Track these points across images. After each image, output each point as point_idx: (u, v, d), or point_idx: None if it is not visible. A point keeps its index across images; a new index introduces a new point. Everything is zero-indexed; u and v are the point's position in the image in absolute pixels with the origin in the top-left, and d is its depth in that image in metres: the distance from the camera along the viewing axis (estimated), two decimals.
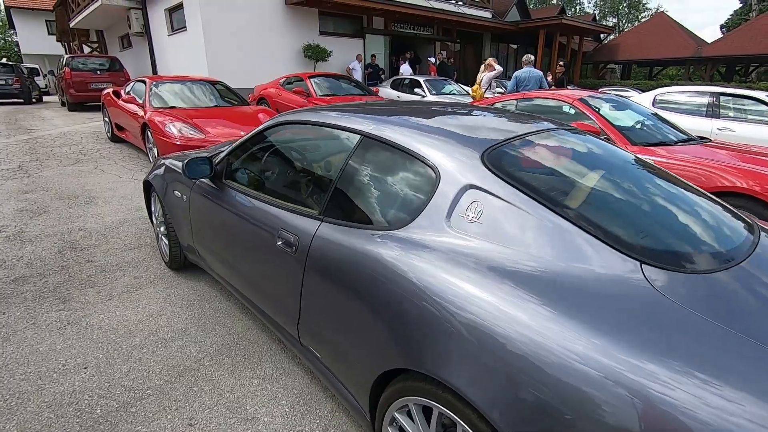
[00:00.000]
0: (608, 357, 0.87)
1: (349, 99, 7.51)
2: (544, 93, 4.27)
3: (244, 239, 1.98)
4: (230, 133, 5.38)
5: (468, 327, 1.06)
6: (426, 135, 1.48)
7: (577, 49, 18.18)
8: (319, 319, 1.57)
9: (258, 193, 1.95)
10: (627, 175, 1.63)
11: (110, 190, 4.69)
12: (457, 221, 1.27)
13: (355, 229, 1.47)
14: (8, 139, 7.36)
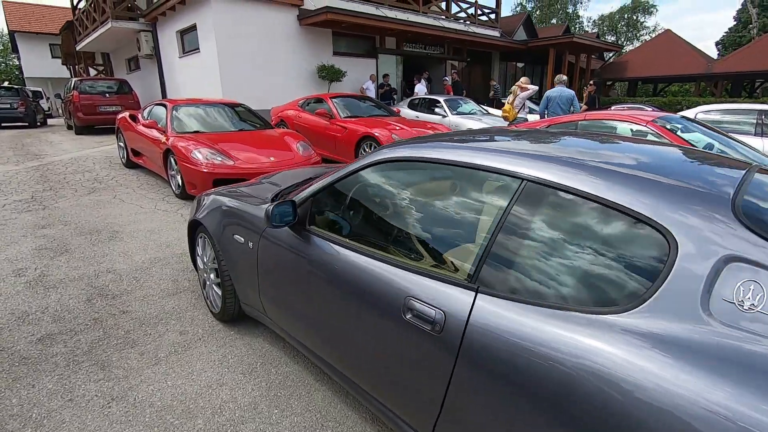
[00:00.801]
0: None
1: (373, 120, 7.22)
2: (610, 114, 3.97)
3: (342, 303, 1.60)
4: (259, 159, 5.06)
5: None
6: (631, 182, 1.13)
7: (585, 67, 18.15)
8: (477, 424, 1.19)
9: (364, 247, 1.58)
10: None
11: (134, 223, 4.31)
12: (722, 309, 0.90)
13: (538, 307, 1.10)
14: (17, 166, 7.01)
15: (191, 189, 4.93)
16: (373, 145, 6.50)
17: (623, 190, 1.10)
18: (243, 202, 2.34)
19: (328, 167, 3.50)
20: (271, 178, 3.08)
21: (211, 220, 2.46)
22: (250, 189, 2.71)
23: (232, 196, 2.51)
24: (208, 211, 2.55)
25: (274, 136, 5.80)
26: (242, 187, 2.81)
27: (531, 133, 1.90)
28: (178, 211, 4.76)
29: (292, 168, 5.14)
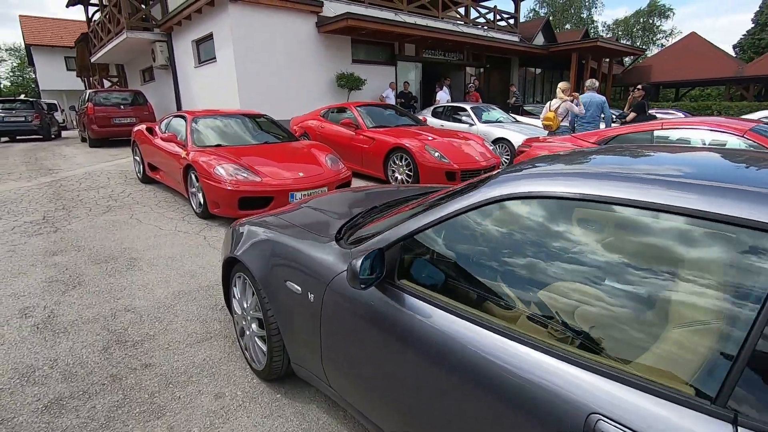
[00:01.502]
0: None
1: (401, 130, 6.79)
2: (691, 121, 3.48)
3: (457, 394, 1.14)
4: (286, 174, 4.64)
5: None
6: None
7: (607, 72, 17.62)
8: None
9: (495, 321, 1.12)
10: None
11: (153, 248, 3.90)
12: None
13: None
14: (30, 182, 6.69)
15: (214, 208, 4.52)
16: (404, 157, 6.07)
17: None
18: (296, 238, 1.89)
19: (379, 189, 3.06)
20: (310, 203, 2.64)
21: (254, 258, 2.02)
22: (295, 218, 2.27)
23: (277, 228, 2.07)
24: (248, 246, 2.11)
25: (301, 149, 5.39)
26: (282, 215, 2.37)
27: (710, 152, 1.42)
28: (200, 232, 4.35)
29: (323, 183, 4.72)
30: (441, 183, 5.88)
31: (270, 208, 4.43)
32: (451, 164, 5.85)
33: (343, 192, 2.93)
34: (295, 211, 2.51)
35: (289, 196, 4.49)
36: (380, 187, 3.16)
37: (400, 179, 6.19)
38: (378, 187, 3.12)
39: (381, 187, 3.15)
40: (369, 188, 3.04)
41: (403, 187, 2.98)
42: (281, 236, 1.96)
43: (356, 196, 2.80)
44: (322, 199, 2.75)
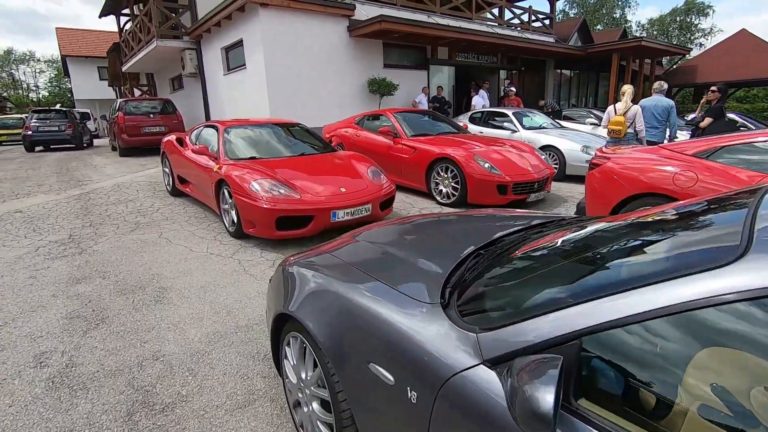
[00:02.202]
0: None
1: (444, 138, 6.29)
2: None
3: None
4: (327, 191, 4.19)
5: None
6: None
7: (649, 73, 16.66)
8: None
9: None
10: None
11: (183, 274, 3.51)
12: None
13: None
14: (59, 195, 6.49)
15: (249, 228, 4.11)
16: (450, 169, 5.55)
17: None
18: (376, 297, 1.41)
19: (452, 216, 2.55)
20: (370, 236, 2.16)
21: (317, 317, 1.54)
22: (362, 259, 1.81)
23: (344, 276, 1.60)
24: (306, 298, 1.64)
25: (340, 161, 4.95)
26: (341, 253, 1.92)
27: None
28: (234, 255, 3.94)
29: (367, 199, 4.26)
30: (490, 197, 5.34)
31: (310, 229, 4.00)
32: (503, 176, 5.30)
33: (406, 221, 2.44)
34: (355, 247, 2.04)
35: (330, 215, 4.04)
36: (452, 213, 2.64)
37: (445, 192, 5.67)
38: (450, 214, 2.61)
39: (453, 213, 2.63)
40: (439, 215, 2.53)
41: (483, 214, 2.47)
42: (353, 290, 1.48)
43: (426, 226, 2.30)
44: (382, 231, 2.27)
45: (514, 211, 2.55)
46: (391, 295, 1.40)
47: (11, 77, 57.73)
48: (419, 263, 1.61)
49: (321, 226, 4.06)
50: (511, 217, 2.25)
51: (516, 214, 2.40)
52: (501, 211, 2.64)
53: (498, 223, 2.14)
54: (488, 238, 1.74)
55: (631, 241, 1.33)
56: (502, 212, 2.57)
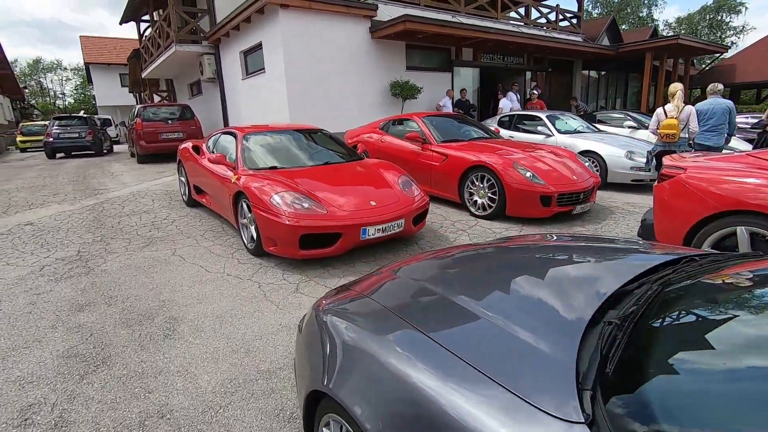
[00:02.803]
0: None
1: (477, 144, 5.81)
2: None
3: None
4: (356, 204, 3.76)
5: None
6: None
7: (684, 73, 15.83)
8: None
9: None
10: None
11: (197, 301, 3.11)
12: None
13: None
14: (73, 205, 6.23)
15: (269, 246, 3.70)
16: (486, 178, 5.07)
17: None
18: (461, 387, 0.96)
19: (516, 244, 2.08)
20: (416, 273, 1.74)
21: (370, 404, 1.10)
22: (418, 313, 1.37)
23: (405, 345, 1.16)
24: (353, 374, 1.20)
25: (368, 170, 4.52)
26: (382, 297, 1.49)
27: None
28: (254, 276, 3.54)
29: (399, 214, 3.81)
30: (532, 209, 4.83)
31: (337, 248, 3.57)
32: (547, 187, 4.79)
33: (464, 250, 1.97)
34: (405, 291, 1.60)
35: (360, 232, 3.61)
36: (525, 241, 2.14)
37: (480, 204, 5.19)
38: (521, 241, 2.12)
39: (527, 241, 2.13)
40: (507, 244, 2.04)
41: (569, 243, 1.99)
42: (420, 371, 1.03)
43: (500, 263, 1.82)
44: (435, 266, 1.83)
45: (601, 237, 2.06)
46: (483, 387, 0.94)
47: (39, 85, 59.54)
48: (514, 329, 1.15)
49: (349, 244, 3.63)
50: (611, 249, 1.77)
51: (609, 243, 1.91)
52: (583, 237, 2.14)
53: (602, 259, 1.65)
54: (607, 287, 1.26)
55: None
56: (586, 238, 2.09)
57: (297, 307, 3.00)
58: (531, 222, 4.95)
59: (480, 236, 4.54)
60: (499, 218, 5.06)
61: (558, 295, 1.29)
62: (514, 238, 2.23)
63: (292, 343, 2.55)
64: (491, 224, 4.93)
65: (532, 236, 2.30)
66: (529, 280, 1.47)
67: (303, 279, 3.48)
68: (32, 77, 58.29)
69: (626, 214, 5.47)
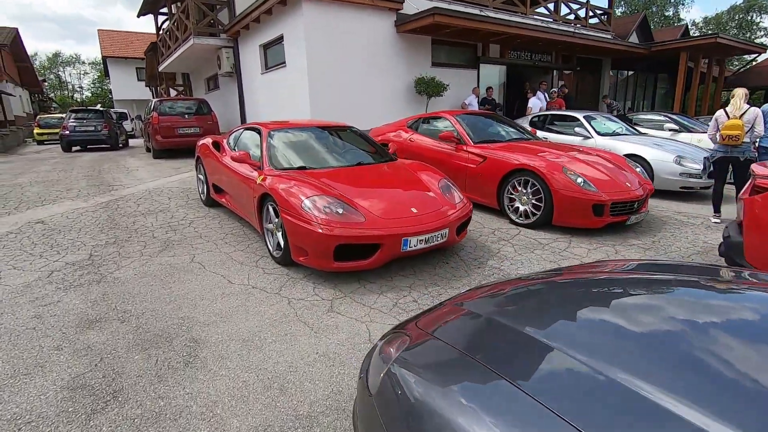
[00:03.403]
0: None
1: (516, 145, 5.36)
2: None
3: None
4: (395, 211, 3.36)
5: None
6: None
7: (718, 74, 15.13)
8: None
9: None
10: None
11: (221, 319, 2.75)
12: None
13: None
14: (86, 202, 5.94)
15: (299, 256, 3.33)
16: (531, 183, 4.63)
17: None
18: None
19: (631, 276, 1.65)
20: (496, 311, 1.37)
21: None
22: (564, 396, 0.94)
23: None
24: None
25: (404, 173, 4.12)
26: (477, 349, 1.09)
27: None
28: (281, 290, 3.16)
29: (443, 223, 3.40)
30: (582, 218, 4.39)
31: (375, 260, 3.18)
32: (600, 194, 4.34)
33: (541, 280, 1.56)
34: (510, 344, 1.19)
35: (401, 243, 3.21)
36: (606, 271, 1.67)
37: (522, 211, 4.75)
38: (604, 272, 1.68)
39: (612, 271, 1.67)
40: (588, 273, 1.60)
41: (663, 271, 1.56)
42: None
43: (588, 295, 1.40)
44: (511, 297, 1.45)
45: (701, 266, 1.63)
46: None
47: (58, 79, 60.28)
48: (644, 388, 0.74)
49: (388, 256, 3.24)
50: (729, 283, 1.36)
51: (719, 276, 1.49)
52: (674, 265, 1.72)
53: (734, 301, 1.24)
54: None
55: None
56: (679, 266, 1.67)
57: (334, 330, 2.61)
58: (580, 233, 4.50)
59: (525, 247, 4.11)
60: (543, 227, 4.62)
61: (703, 348, 0.89)
62: (598, 265, 1.81)
63: (332, 377, 2.17)
64: (536, 234, 4.50)
65: (615, 262, 1.88)
66: (652, 323, 1.07)
67: (337, 295, 3.09)
68: (51, 71, 59.03)
69: (680, 225, 4.99)
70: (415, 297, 3.07)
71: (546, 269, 1.82)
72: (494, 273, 3.52)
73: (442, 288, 3.23)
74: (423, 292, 3.16)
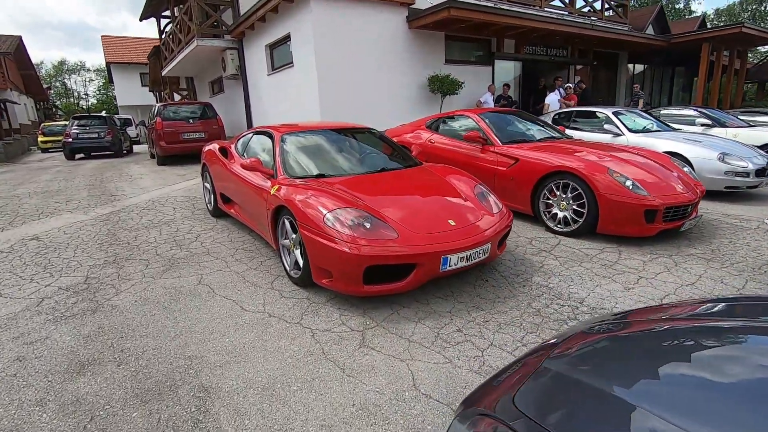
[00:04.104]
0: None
1: (550, 145, 4.91)
2: None
3: None
4: (433, 225, 2.93)
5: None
6: None
7: (739, 67, 14.55)
8: None
9: None
10: None
11: (235, 359, 2.32)
12: None
13: None
14: (86, 214, 5.57)
15: (321, 278, 2.90)
16: (571, 186, 4.17)
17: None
18: None
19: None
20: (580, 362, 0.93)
21: None
22: None
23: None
24: None
25: (434, 179, 3.69)
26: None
27: None
28: (303, 320, 2.74)
29: (485, 237, 2.96)
30: (632, 225, 3.93)
31: (410, 281, 2.76)
32: (652, 198, 3.88)
33: (656, 322, 1.15)
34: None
35: (440, 262, 2.77)
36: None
37: (561, 218, 4.30)
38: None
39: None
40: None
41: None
42: None
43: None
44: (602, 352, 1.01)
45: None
46: None
47: (63, 86, 60.45)
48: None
49: (425, 277, 2.80)
50: None
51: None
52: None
53: None
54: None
55: None
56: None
57: (370, 372, 2.18)
58: (628, 241, 4.04)
59: (570, 259, 3.66)
60: (585, 236, 4.17)
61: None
62: (676, 306, 1.43)
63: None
64: (578, 243, 4.04)
65: (694, 304, 1.49)
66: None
67: (368, 324, 2.66)
68: (57, 78, 59.22)
69: (735, 229, 4.51)
70: (458, 325, 2.63)
71: (616, 312, 1.44)
72: (543, 293, 3.07)
73: (488, 313, 2.79)
74: (466, 318, 2.72)
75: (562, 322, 2.66)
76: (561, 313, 2.77)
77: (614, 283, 3.21)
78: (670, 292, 3.06)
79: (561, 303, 2.92)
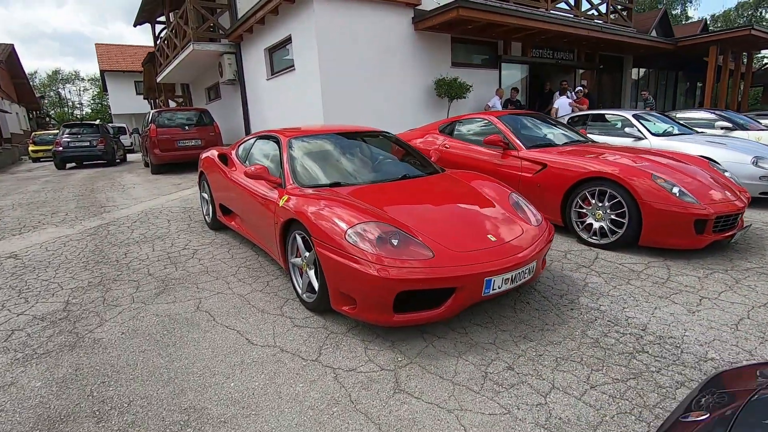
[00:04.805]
0: None
1: (576, 150, 4.53)
2: None
3: None
4: (468, 241, 2.52)
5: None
6: None
7: (745, 70, 14.35)
8: None
9: None
10: None
11: (242, 413, 1.89)
12: None
13: None
14: (73, 228, 5.11)
15: (342, 305, 2.47)
16: (608, 194, 3.77)
17: None
18: None
19: None
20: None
21: None
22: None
23: None
24: None
25: (462, 187, 3.28)
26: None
27: None
28: (321, 355, 2.30)
29: (530, 255, 2.54)
30: (680, 236, 3.53)
31: (448, 308, 2.34)
32: (703, 207, 3.49)
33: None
34: None
35: (483, 285, 2.35)
36: None
37: (597, 228, 3.89)
38: None
39: None
40: None
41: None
42: None
43: None
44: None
45: None
46: None
47: (58, 96, 59.90)
48: None
49: (466, 302, 2.38)
50: None
51: None
52: None
53: None
54: None
55: None
56: None
57: (412, 429, 1.75)
58: (674, 255, 3.64)
59: (615, 276, 3.25)
60: (623, 248, 3.77)
61: None
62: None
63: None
64: (619, 257, 3.64)
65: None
66: None
67: (399, 360, 2.23)
68: (51, 88, 58.70)
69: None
70: (507, 361, 2.21)
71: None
72: (596, 317, 2.66)
73: (539, 344, 2.37)
74: (515, 352, 2.30)
75: (629, 356, 2.24)
76: (625, 344, 2.35)
77: (674, 305, 2.80)
78: (742, 315, 2.65)
79: (620, 331, 2.50)
